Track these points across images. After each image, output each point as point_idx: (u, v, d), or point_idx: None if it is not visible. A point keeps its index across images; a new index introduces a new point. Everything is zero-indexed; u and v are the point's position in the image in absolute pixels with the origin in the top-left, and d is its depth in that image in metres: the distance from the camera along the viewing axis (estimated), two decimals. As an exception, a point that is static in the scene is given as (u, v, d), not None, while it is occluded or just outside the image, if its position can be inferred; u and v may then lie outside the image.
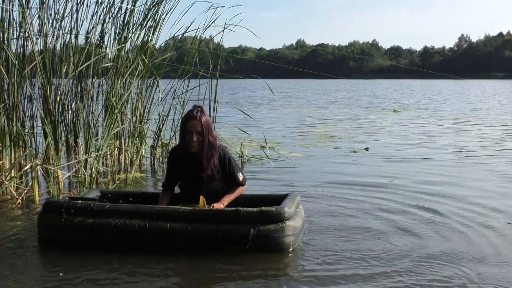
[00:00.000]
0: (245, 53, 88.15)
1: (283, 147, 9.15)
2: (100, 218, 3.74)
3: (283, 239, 3.65)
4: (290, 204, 3.81)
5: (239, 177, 4.16)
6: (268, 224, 3.63)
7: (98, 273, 3.33)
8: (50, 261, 3.63)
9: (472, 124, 13.93)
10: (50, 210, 3.85)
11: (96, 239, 3.74)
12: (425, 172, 6.90)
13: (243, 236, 3.59)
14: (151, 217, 3.70)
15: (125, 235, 3.69)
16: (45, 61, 5.89)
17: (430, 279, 3.22)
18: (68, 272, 3.33)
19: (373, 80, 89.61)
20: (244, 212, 3.64)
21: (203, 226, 3.64)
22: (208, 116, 4.11)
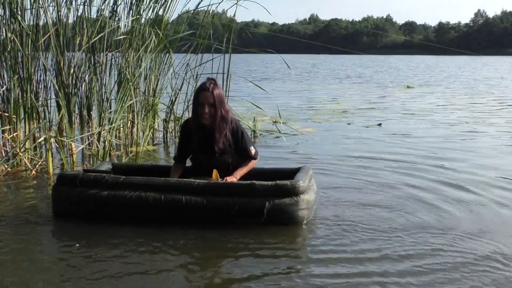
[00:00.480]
0: (257, 28, 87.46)
1: (295, 122, 9.12)
2: (115, 190, 3.75)
3: (297, 213, 3.67)
4: (304, 178, 3.82)
5: (251, 151, 4.16)
6: (283, 197, 3.65)
7: (113, 244, 3.36)
8: (65, 233, 3.66)
9: (485, 100, 13.78)
10: (64, 182, 3.87)
11: (110, 212, 3.75)
12: (439, 147, 6.86)
13: (258, 209, 3.61)
14: (166, 190, 3.71)
15: (140, 208, 3.70)
16: (58, 33, 5.88)
17: (453, 255, 3.22)
18: (84, 244, 3.37)
19: (387, 56, 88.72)
20: (259, 186, 3.65)
21: (218, 199, 3.65)
22: (221, 89, 4.09)
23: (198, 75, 7.10)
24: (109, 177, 3.82)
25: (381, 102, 13.50)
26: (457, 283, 2.83)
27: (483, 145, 7.10)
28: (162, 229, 3.60)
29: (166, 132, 7.34)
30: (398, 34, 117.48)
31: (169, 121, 7.34)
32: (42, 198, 4.43)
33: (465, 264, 3.08)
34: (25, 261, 3.10)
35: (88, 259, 3.13)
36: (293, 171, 4.13)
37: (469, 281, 2.86)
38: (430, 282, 2.85)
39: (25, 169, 5.39)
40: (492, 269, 3.01)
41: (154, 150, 6.55)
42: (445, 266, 3.04)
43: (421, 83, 21.45)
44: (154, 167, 4.55)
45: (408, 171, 5.45)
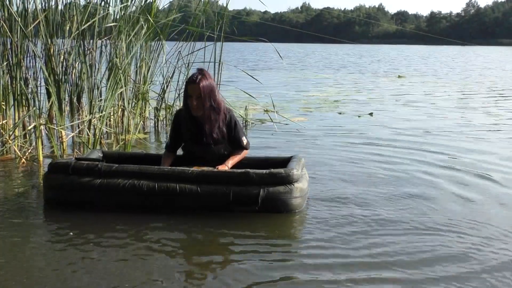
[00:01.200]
0: (249, 16, 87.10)
1: (287, 111, 9.11)
2: (108, 178, 3.73)
3: (291, 201, 3.69)
4: (297, 167, 3.83)
5: (243, 141, 4.16)
6: (277, 185, 3.66)
7: (107, 232, 3.35)
8: (57, 221, 3.62)
9: (475, 89, 13.83)
10: (56, 170, 3.84)
11: (103, 200, 3.73)
12: (431, 136, 6.90)
13: (253, 197, 3.61)
14: (160, 178, 3.70)
15: (133, 196, 3.69)
16: (48, 19, 5.81)
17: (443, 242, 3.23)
18: (77, 233, 3.34)
19: (379, 45, 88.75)
20: (253, 174, 3.66)
21: (213, 188, 3.64)
22: (211, 79, 4.06)
23: (190, 63, 7.05)
24: (101, 165, 3.79)
25: (373, 91, 13.50)
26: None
27: (473, 134, 7.13)
28: (155, 217, 3.59)
29: (157, 120, 7.30)
30: (390, 23, 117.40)
31: (160, 109, 7.31)
32: (32, 186, 4.40)
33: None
34: (18, 250, 3.07)
35: (82, 248, 3.11)
36: (284, 160, 4.14)
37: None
38: (426, 275, 2.86)
39: (15, 157, 5.35)
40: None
41: (145, 139, 6.52)
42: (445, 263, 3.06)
43: (413, 73, 21.48)
44: (146, 155, 4.53)
45: (403, 160, 5.48)
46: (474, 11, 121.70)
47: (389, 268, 2.87)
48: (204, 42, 7.02)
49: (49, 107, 6.09)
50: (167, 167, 3.88)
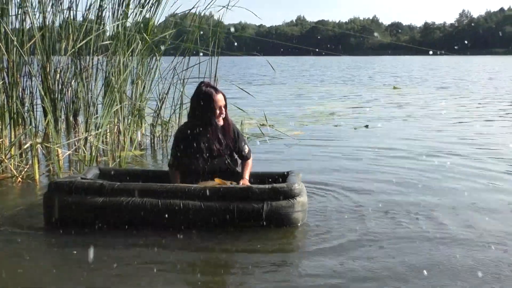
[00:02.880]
0: (245, 30, 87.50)
1: (282, 125, 9.13)
2: (111, 196, 3.71)
3: (294, 215, 3.72)
4: (298, 181, 3.88)
5: (245, 150, 4.25)
6: (280, 200, 3.69)
7: (112, 251, 3.34)
8: (58, 240, 3.59)
9: (470, 98, 13.88)
10: (57, 189, 3.80)
11: (106, 218, 3.71)
12: (428, 147, 6.92)
13: (257, 212, 3.64)
14: (163, 195, 3.69)
15: (137, 214, 3.67)
16: (44, 38, 5.84)
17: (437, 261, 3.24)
18: (81, 252, 3.31)
19: (374, 57, 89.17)
20: (256, 189, 3.68)
21: (216, 204, 3.65)
22: None
23: (185, 79, 7.08)
24: (106, 183, 3.78)
25: (368, 103, 13.55)
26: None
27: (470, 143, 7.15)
28: (160, 235, 3.58)
29: (153, 136, 7.31)
30: (384, 35, 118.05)
31: (156, 125, 7.32)
32: (29, 205, 4.37)
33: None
34: (19, 268, 3.05)
35: (86, 268, 3.08)
36: (282, 174, 4.18)
37: None
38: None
39: (11, 175, 5.34)
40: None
41: (142, 155, 6.53)
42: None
43: (408, 84, 21.57)
44: (143, 171, 4.53)
45: (401, 172, 5.48)
46: (467, 21, 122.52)
47: (393, 282, 2.87)
48: (199, 57, 7.06)
49: (45, 126, 6.10)
50: (170, 184, 3.87)
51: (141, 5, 6.73)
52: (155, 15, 6.92)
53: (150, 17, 6.85)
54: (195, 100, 4.11)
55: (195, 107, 4.10)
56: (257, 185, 3.77)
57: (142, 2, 6.77)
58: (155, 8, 6.85)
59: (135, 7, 6.72)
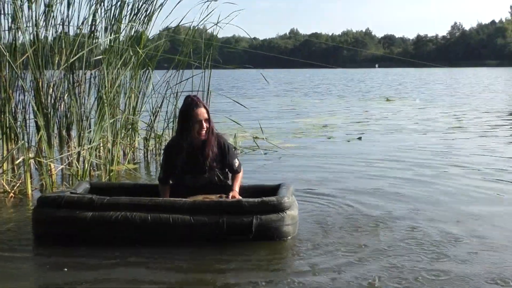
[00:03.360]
0: (238, 43, 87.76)
1: (276, 137, 9.14)
2: (100, 211, 3.70)
3: (284, 228, 3.71)
4: (288, 194, 3.86)
5: (235, 164, 4.20)
6: (270, 213, 3.68)
7: (101, 267, 3.33)
8: (49, 256, 3.56)
9: (462, 110, 13.94)
10: (46, 203, 3.80)
11: (95, 233, 3.70)
12: (421, 158, 6.92)
13: (246, 226, 3.62)
14: (153, 209, 3.68)
15: (126, 228, 3.66)
16: (37, 53, 5.84)
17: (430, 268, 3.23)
18: (71, 268, 3.30)
19: (367, 69, 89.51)
20: (246, 203, 3.67)
21: (206, 218, 3.64)
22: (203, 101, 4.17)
23: (179, 92, 7.09)
24: (95, 197, 3.77)
25: (361, 115, 13.60)
26: None
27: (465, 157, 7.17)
28: (150, 249, 3.58)
29: (146, 150, 7.30)
30: (377, 47, 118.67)
31: (149, 139, 7.31)
32: (20, 220, 4.35)
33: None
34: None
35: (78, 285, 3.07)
36: (273, 187, 4.16)
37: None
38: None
39: (3, 191, 5.31)
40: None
41: (135, 169, 6.51)
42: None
43: (401, 96, 21.66)
44: (134, 185, 4.52)
45: (391, 186, 5.46)
46: (459, 34, 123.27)
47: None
48: (192, 71, 7.08)
49: (38, 140, 6.08)
50: (159, 198, 3.86)
51: (133, 20, 6.74)
52: (148, 29, 6.95)
53: (143, 30, 6.87)
54: (178, 115, 4.17)
55: (177, 121, 4.17)
56: (247, 199, 3.77)
57: (134, 15, 6.78)
58: (147, 22, 6.87)
59: (128, 21, 6.73)
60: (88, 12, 6.35)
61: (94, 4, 6.37)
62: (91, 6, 6.36)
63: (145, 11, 6.86)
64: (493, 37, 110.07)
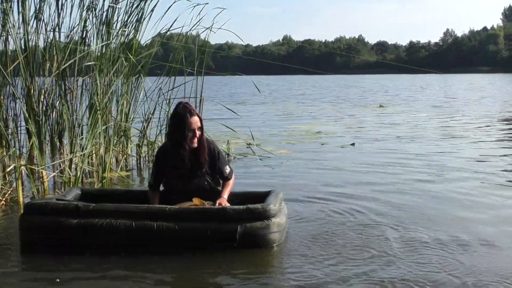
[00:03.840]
0: (231, 50, 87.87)
1: (269, 144, 9.13)
2: (85, 218, 3.68)
3: (269, 236, 3.68)
4: (275, 201, 3.84)
5: (226, 171, 4.18)
6: (255, 221, 3.65)
7: (87, 274, 3.32)
8: (38, 265, 3.54)
9: (455, 117, 14.00)
10: (32, 210, 3.79)
11: (81, 240, 3.68)
12: (413, 167, 6.91)
13: (231, 234, 3.59)
14: (137, 216, 3.67)
15: (111, 235, 3.64)
16: (28, 60, 5.81)
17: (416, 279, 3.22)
18: (63, 279, 3.27)
19: (360, 76, 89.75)
20: (231, 210, 3.65)
21: (190, 225, 3.62)
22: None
23: (171, 99, 7.07)
24: (81, 204, 3.75)
25: (355, 121, 13.62)
26: None
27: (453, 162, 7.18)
28: (136, 257, 3.56)
29: (139, 157, 7.27)
30: (370, 54, 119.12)
31: (142, 146, 7.28)
32: (11, 228, 4.31)
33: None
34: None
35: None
36: (263, 194, 4.13)
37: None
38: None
39: (-6, 198, 5.27)
40: None
41: (128, 176, 6.48)
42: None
43: (394, 102, 21.72)
44: (126, 192, 4.50)
45: (382, 194, 5.41)
46: (451, 40, 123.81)
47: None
48: (184, 77, 7.06)
49: (29, 147, 6.04)
50: (144, 205, 3.83)
51: (124, 25, 6.72)
52: (139, 34, 6.94)
53: (134, 36, 6.85)
54: (170, 121, 4.17)
55: (169, 128, 4.16)
56: (232, 206, 3.75)
57: (125, 22, 6.77)
58: (136, 28, 6.86)
59: (120, 27, 6.71)
60: (79, 19, 6.33)
61: (84, 11, 6.34)
62: (81, 13, 6.33)
63: (136, 16, 6.84)
64: (485, 44, 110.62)
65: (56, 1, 6.16)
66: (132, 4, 6.74)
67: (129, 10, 6.74)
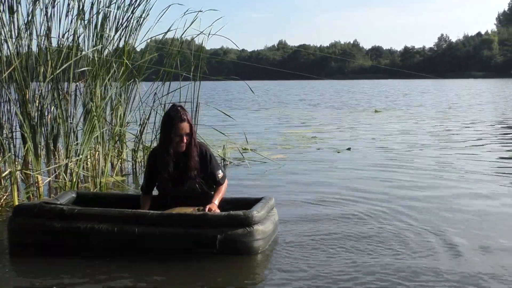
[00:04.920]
0: (227, 55, 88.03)
1: (265, 149, 9.13)
2: (69, 221, 3.72)
3: (252, 244, 3.64)
4: (260, 208, 3.79)
5: (218, 175, 4.15)
6: (236, 228, 3.62)
7: (70, 278, 3.33)
8: (34, 270, 3.53)
9: (449, 122, 14.04)
10: (20, 213, 3.84)
11: (65, 243, 3.72)
12: (407, 172, 6.91)
13: (211, 240, 3.58)
14: (120, 220, 3.69)
15: (94, 239, 3.68)
16: (22, 65, 5.80)
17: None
18: (51, 280, 3.28)
19: (355, 81, 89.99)
20: (211, 216, 3.65)
21: (171, 230, 3.62)
22: (188, 113, 4.12)
23: (167, 104, 7.06)
24: (66, 207, 3.79)
25: (350, 126, 13.64)
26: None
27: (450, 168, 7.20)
28: (118, 261, 3.57)
29: (134, 162, 7.26)
30: (365, 59, 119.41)
31: (137, 150, 7.27)
32: (6, 233, 4.30)
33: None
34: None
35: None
36: (255, 200, 4.09)
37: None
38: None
39: (-11, 204, 5.25)
40: None
41: (123, 181, 6.47)
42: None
43: (389, 107, 21.77)
44: (121, 196, 4.50)
45: (376, 200, 5.37)
46: (446, 46, 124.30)
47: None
48: (179, 82, 7.06)
49: (24, 152, 6.03)
50: (127, 210, 3.81)
51: (116, 29, 6.72)
52: (134, 39, 6.94)
53: (126, 42, 6.85)
54: (160, 123, 4.18)
55: (160, 131, 4.15)
56: (213, 213, 3.75)
57: (119, 26, 6.78)
58: (129, 32, 6.86)
59: (115, 32, 6.71)
60: (70, 24, 6.32)
61: (75, 15, 6.33)
62: (73, 18, 6.33)
63: (127, 21, 6.85)
64: (479, 49, 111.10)
65: (46, 8, 6.14)
66: (126, 9, 6.75)
67: (122, 14, 6.76)
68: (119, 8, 6.71)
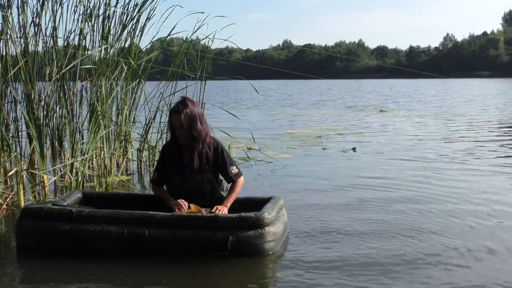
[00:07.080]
0: (231, 55, 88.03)
1: (270, 148, 9.12)
2: (78, 224, 3.68)
3: (263, 245, 3.61)
4: (270, 209, 3.76)
5: (231, 171, 4.09)
6: (247, 230, 3.58)
7: (78, 281, 3.31)
8: (33, 270, 3.54)
9: (456, 122, 13.99)
10: (28, 215, 3.79)
11: (74, 246, 3.68)
12: (413, 171, 6.89)
13: (222, 242, 3.54)
14: (129, 222, 3.65)
15: (103, 241, 3.64)
16: (28, 65, 5.81)
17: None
18: (58, 281, 3.27)
19: (360, 80, 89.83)
20: (222, 218, 3.61)
21: (182, 232, 3.59)
22: (195, 106, 4.04)
23: (172, 103, 7.06)
24: (75, 209, 3.75)
25: (356, 126, 13.61)
26: None
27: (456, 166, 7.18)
28: (122, 263, 3.55)
29: (140, 161, 7.26)
30: (370, 58, 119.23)
31: (143, 150, 7.27)
32: (11, 232, 4.30)
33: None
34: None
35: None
36: (264, 200, 4.06)
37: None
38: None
39: (-5, 203, 5.26)
40: None
41: (128, 180, 6.47)
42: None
43: (394, 107, 21.71)
44: (126, 195, 4.49)
45: (383, 200, 5.36)
46: (451, 45, 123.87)
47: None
48: (186, 82, 7.06)
49: (30, 152, 6.04)
50: (136, 211, 3.76)
51: (122, 27, 6.72)
52: (138, 39, 6.95)
53: (132, 42, 6.85)
54: None
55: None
56: (225, 214, 3.70)
57: (125, 26, 6.78)
58: (135, 33, 6.87)
59: (120, 32, 6.72)
60: (77, 23, 6.33)
61: (81, 15, 6.34)
62: (79, 17, 6.34)
63: (134, 21, 6.85)
64: (485, 49, 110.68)
65: (52, 7, 6.16)
66: (133, 9, 6.76)
67: (128, 15, 6.76)
68: (125, 7, 6.72)
